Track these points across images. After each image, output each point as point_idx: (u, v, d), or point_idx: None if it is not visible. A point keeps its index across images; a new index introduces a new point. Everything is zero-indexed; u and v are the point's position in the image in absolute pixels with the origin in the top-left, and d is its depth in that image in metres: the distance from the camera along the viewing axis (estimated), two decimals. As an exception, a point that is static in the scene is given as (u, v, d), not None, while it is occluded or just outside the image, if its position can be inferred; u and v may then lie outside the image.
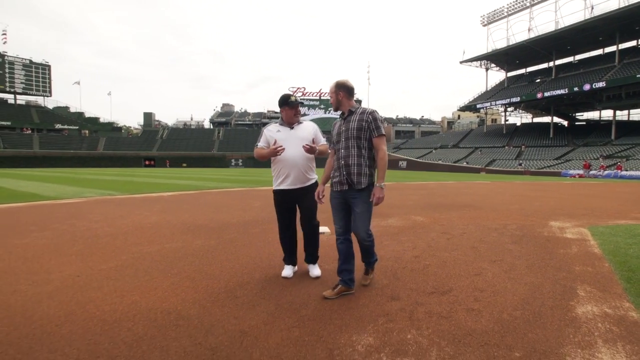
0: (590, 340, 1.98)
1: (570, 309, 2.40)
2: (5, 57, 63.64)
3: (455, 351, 1.86)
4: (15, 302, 2.48)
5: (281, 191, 3.01)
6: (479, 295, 2.63)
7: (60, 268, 3.28)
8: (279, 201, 3.06)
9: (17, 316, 2.26)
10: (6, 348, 1.87)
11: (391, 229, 5.24)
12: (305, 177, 3.00)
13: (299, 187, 2.98)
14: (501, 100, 52.41)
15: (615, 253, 3.81)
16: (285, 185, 2.98)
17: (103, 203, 8.46)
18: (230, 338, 1.99)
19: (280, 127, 3.04)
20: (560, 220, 6.14)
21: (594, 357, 1.79)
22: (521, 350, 1.86)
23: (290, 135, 2.98)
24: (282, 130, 3.01)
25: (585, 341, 1.96)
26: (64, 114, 69.69)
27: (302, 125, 3.06)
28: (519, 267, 3.37)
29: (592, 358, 1.79)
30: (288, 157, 2.92)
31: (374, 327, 2.14)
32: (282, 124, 3.05)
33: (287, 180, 2.97)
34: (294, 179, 2.96)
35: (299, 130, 3.02)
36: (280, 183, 3.00)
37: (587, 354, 1.83)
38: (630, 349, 1.87)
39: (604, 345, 1.92)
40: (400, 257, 3.70)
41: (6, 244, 4.23)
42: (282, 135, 2.98)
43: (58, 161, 52.08)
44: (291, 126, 3.03)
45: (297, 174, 2.95)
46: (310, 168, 3.06)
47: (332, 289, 2.62)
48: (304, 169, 2.98)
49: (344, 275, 2.63)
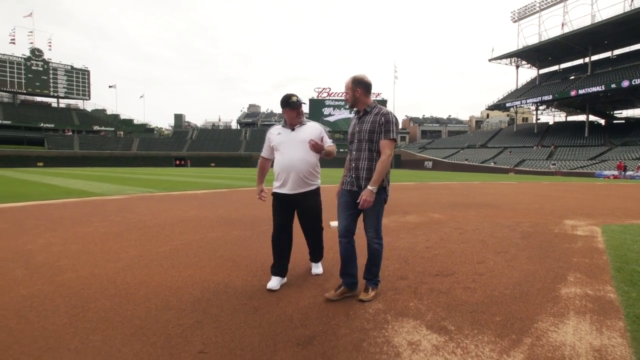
0: (564, 311, 2.37)
1: (555, 290, 2.78)
2: (50, 63, 68.19)
3: (447, 315, 2.31)
4: (99, 273, 3.14)
5: (278, 195, 2.87)
6: (477, 278, 3.05)
7: (125, 250, 3.96)
8: (276, 204, 2.90)
9: (104, 282, 2.91)
10: (104, 302, 2.50)
11: (408, 225, 5.66)
12: (305, 182, 2.83)
13: (297, 192, 2.82)
14: (532, 98, 50.77)
15: (617, 248, 4.07)
16: (283, 190, 2.83)
17: (145, 199, 9.34)
18: (269, 301, 2.54)
19: (282, 129, 2.88)
20: (576, 219, 6.33)
21: (561, 323, 2.20)
22: (501, 316, 2.29)
23: (290, 137, 2.83)
24: (283, 133, 2.86)
25: (559, 312, 2.36)
26: (101, 116, 73.80)
27: (304, 127, 2.87)
28: (520, 257, 3.73)
29: (559, 323, 2.20)
30: (286, 161, 2.78)
31: (383, 297, 2.62)
32: (284, 125, 2.90)
33: (285, 185, 2.82)
34: (292, 183, 2.79)
35: (300, 133, 2.83)
36: (278, 187, 2.86)
37: (557, 320, 2.24)
38: (596, 319, 2.26)
39: (575, 315, 2.31)
40: (413, 248, 4.14)
41: (75, 231, 5.00)
42: (281, 138, 2.85)
43: (96, 161, 55.34)
44: (293, 128, 2.85)
45: (295, 179, 2.78)
46: (312, 173, 2.87)
47: (335, 290, 2.61)
48: (303, 174, 2.80)
49: (345, 279, 2.61)
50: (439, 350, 1.89)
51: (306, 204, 2.87)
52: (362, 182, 2.54)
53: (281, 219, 2.88)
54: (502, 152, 50.59)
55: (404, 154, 62.92)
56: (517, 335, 2.05)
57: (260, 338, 2.01)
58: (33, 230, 5.02)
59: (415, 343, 1.96)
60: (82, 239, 4.53)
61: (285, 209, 2.88)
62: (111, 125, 70.85)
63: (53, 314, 2.30)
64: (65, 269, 3.26)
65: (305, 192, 2.84)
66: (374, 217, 2.56)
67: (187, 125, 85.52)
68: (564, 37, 46.51)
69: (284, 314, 2.34)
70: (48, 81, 67.85)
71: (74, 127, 66.45)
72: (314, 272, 3.14)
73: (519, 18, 55.54)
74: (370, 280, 2.65)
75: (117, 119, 74.70)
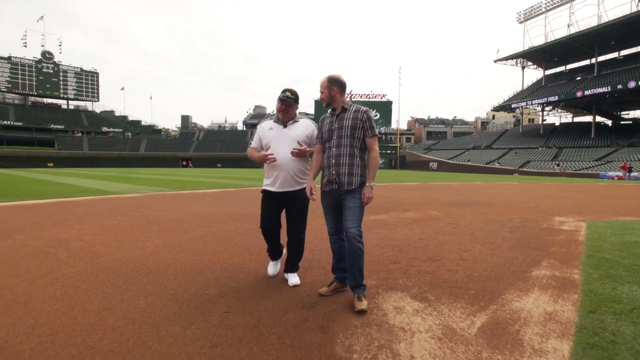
0: (530, 287, 2.79)
1: (528, 272, 3.19)
2: (60, 66, 69.57)
3: (429, 289, 2.74)
4: (131, 257, 3.61)
5: (268, 192, 2.84)
6: (461, 263, 3.47)
7: (150, 240, 4.44)
8: (265, 201, 2.89)
9: (137, 264, 3.38)
10: (140, 278, 2.97)
11: (406, 220, 6.07)
12: (296, 180, 2.79)
13: (287, 190, 2.78)
14: (538, 99, 50.76)
15: (595, 240, 4.46)
16: (273, 187, 2.80)
17: (159, 197, 9.85)
18: (282, 279, 2.99)
19: (274, 124, 2.84)
20: (566, 216, 6.69)
21: (525, 295, 2.62)
22: (475, 290, 2.71)
23: (282, 134, 2.79)
24: (275, 128, 2.82)
25: (526, 288, 2.78)
26: (110, 118, 75.06)
27: (297, 124, 2.82)
28: (504, 247, 4.14)
29: (523, 295, 2.61)
30: (278, 159, 2.74)
31: (377, 277, 3.06)
32: (276, 120, 2.85)
33: (275, 182, 2.78)
34: (282, 181, 2.76)
35: (292, 129, 2.79)
36: (269, 184, 2.83)
37: (522, 294, 2.65)
38: (555, 293, 2.67)
39: (538, 290, 2.73)
40: (408, 239, 4.56)
41: (101, 224, 5.50)
42: (273, 133, 2.80)
43: (104, 161, 56.37)
44: (285, 124, 2.81)
45: (285, 177, 2.75)
46: (302, 171, 2.83)
47: (328, 286, 2.66)
48: (293, 172, 2.77)
49: (338, 274, 2.65)
50: (419, 312, 2.32)
51: (294, 203, 2.82)
52: (343, 177, 2.49)
53: (269, 216, 2.86)
54: (507, 153, 50.63)
55: (409, 154, 63.16)
56: (485, 303, 2.48)
57: (273, 303, 2.46)
58: (63, 223, 5.53)
59: (400, 308, 2.40)
60: (110, 230, 5.01)
61: (274, 207, 2.84)
62: (119, 127, 72.04)
63: (101, 286, 2.77)
64: (101, 253, 3.74)
65: (295, 191, 2.79)
66: (356, 214, 2.48)
67: (193, 126, 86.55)
68: (570, 38, 46.51)
69: (292, 288, 2.78)
70: (58, 83, 69.22)
71: (83, 128, 67.71)
72: (291, 282, 2.85)
73: (525, 19, 55.59)
74: (358, 287, 2.47)
75: (125, 120, 75.91)
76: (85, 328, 2.06)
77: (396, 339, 1.98)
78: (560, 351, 1.84)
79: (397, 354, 1.82)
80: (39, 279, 2.91)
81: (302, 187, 2.81)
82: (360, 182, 2.52)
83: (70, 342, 1.90)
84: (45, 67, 68.06)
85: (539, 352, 1.83)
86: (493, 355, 1.81)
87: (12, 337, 1.95)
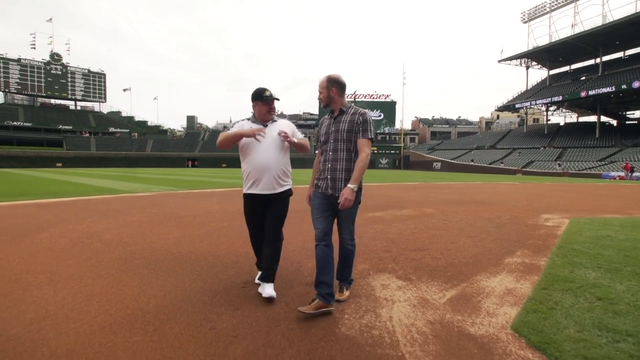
0: (500, 271, 3.27)
1: (501, 259, 3.68)
2: (68, 67, 70.81)
3: (414, 271, 3.24)
4: (156, 247, 4.15)
5: (250, 195, 2.72)
6: (445, 252, 3.96)
7: (170, 232, 4.97)
8: (248, 207, 2.78)
9: (162, 252, 3.91)
10: (167, 263, 3.49)
11: (402, 217, 6.56)
12: (278, 182, 2.70)
13: (270, 193, 2.68)
14: (542, 99, 50.85)
15: (571, 234, 4.91)
16: (255, 190, 2.67)
17: (170, 196, 10.41)
18: (286, 264, 3.50)
19: (253, 124, 2.71)
20: (554, 213, 7.14)
21: (493, 277, 3.10)
22: (452, 273, 3.21)
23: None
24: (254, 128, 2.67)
25: (495, 271, 3.26)
26: (117, 118, 76.20)
27: (276, 124, 2.74)
28: (486, 240, 4.62)
29: (491, 277, 3.10)
30: (258, 159, 2.63)
31: (369, 262, 3.56)
32: (254, 121, 2.74)
33: (256, 185, 2.67)
34: (264, 183, 2.65)
35: (272, 129, 2.69)
36: (250, 187, 2.70)
37: (491, 275, 3.14)
38: (519, 275, 3.15)
39: (505, 273, 3.21)
40: (401, 232, 5.05)
41: (124, 219, 6.04)
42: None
43: (112, 161, 57.33)
44: (264, 124, 2.71)
45: (268, 178, 2.64)
46: (284, 172, 2.74)
47: (310, 303, 2.35)
48: (276, 173, 2.67)
49: (321, 289, 2.35)
50: (401, 288, 2.82)
51: (276, 206, 2.72)
52: (339, 183, 2.44)
53: (256, 225, 2.80)
54: (511, 153, 50.79)
55: (413, 154, 63.47)
56: (458, 282, 2.97)
57: (281, 281, 2.97)
58: (88, 218, 6.08)
59: (386, 285, 2.90)
60: (132, 225, 5.56)
61: (258, 211, 2.75)
62: (126, 127, 73.12)
63: (137, 268, 3.29)
64: (129, 243, 4.27)
65: (277, 194, 2.70)
66: (350, 219, 2.50)
67: (199, 126, 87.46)
68: (574, 38, 46.61)
69: (296, 270, 3.29)
70: (66, 84, 70.49)
71: (91, 128, 68.82)
72: (266, 294, 2.58)
73: (529, 19, 55.69)
74: (344, 280, 2.65)
75: (132, 121, 77.00)
76: (132, 297, 2.59)
77: (380, 305, 2.48)
78: (509, 314, 2.32)
79: (379, 315, 2.32)
80: (83, 263, 3.45)
81: (284, 190, 2.74)
82: (357, 188, 2.42)
83: (124, 306, 2.42)
84: (53, 68, 69.33)
85: (491, 315, 2.32)
86: (454, 316, 2.30)
87: (77, 302, 2.48)
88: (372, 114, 57.62)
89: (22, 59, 66.21)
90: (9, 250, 3.91)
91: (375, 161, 63.88)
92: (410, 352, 1.87)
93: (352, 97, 66.10)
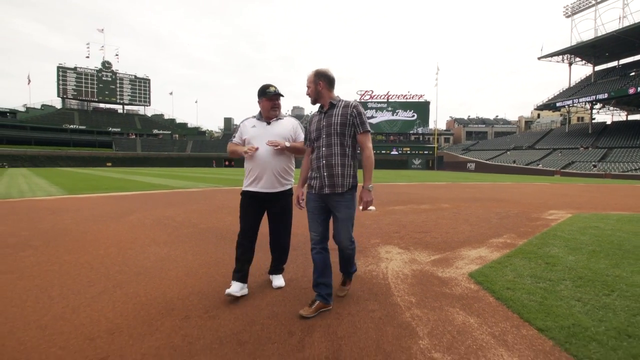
0: (480, 246, 4.19)
1: (487, 239, 4.58)
2: (117, 74, 76.63)
3: (413, 245, 4.25)
4: (218, 226, 5.41)
5: (249, 193, 2.70)
6: (444, 234, 4.90)
7: (224, 218, 6.25)
8: (246, 203, 2.74)
9: (224, 229, 5.16)
10: (231, 235, 4.71)
11: (418, 210, 7.48)
12: (279, 180, 2.70)
13: (271, 191, 2.68)
14: (585, 97, 48.59)
15: (563, 224, 5.64)
16: (255, 188, 2.67)
17: (217, 191, 11.90)
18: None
19: (257, 121, 2.74)
20: (563, 210, 7.73)
21: (473, 249, 4.04)
22: (442, 247, 4.18)
23: (266, 131, 2.69)
24: (258, 126, 2.72)
25: (477, 246, 4.19)
26: (160, 121, 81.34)
27: (281, 122, 2.75)
28: (483, 227, 5.48)
29: (472, 249, 4.04)
30: (260, 157, 2.63)
31: (380, 238, 4.60)
32: (259, 118, 2.75)
33: (257, 182, 2.66)
34: (265, 181, 2.65)
35: (276, 127, 2.70)
36: (250, 184, 2.69)
37: (472, 248, 4.07)
38: (495, 250, 4.06)
39: (485, 248, 4.13)
40: (413, 221, 6.02)
41: (186, 208, 7.44)
42: (256, 131, 2.70)
43: (155, 161, 61.46)
44: (268, 121, 2.72)
45: (269, 177, 2.65)
46: (286, 171, 2.75)
47: (309, 306, 2.35)
48: (278, 172, 2.68)
49: (320, 290, 2.38)
50: (400, 254, 3.85)
51: (279, 205, 2.74)
52: (337, 179, 2.36)
53: (250, 220, 2.73)
54: (550, 154, 48.97)
55: (446, 155, 62.65)
56: (443, 251, 3.95)
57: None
58: (158, 207, 7.55)
59: (389, 251, 3.94)
60: (194, 211, 6.92)
61: (255, 210, 2.73)
62: (168, 129, 77.91)
63: (209, 238, 4.55)
64: (197, 223, 5.59)
65: (278, 192, 2.70)
66: (349, 221, 2.42)
67: (235, 128, 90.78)
68: (623, 31, 44.23)
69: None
70: (115, 90, 76.44)
71: (137, 130, 74.02)
72: (275, 284, 2.84)
73: (573, 13, 53.39)
74: (347, 273, 2.71)
75: (173, 123, 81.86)
76: (209, 253, 3.81)
77: (381, 261, 3.55)
78: (471, 268, 3.30)
79: (379, 265, 3.39)
80: (169, 234, 4.76)
81: (285, 188, 2.74)
82: (353, 183, 2.40)
83: (207, 257, 3.64)
84: (104, 75, 75.40)
85: (458, 268, 3.31)
86: (431, 268, 3.31)
87: (178, 255, 3.75)
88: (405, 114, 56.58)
89: (78, 68, 72.52)
90: (114, 226, 5.34)
91: (407, 162, 63.72)
92: (393, 282, 2.93)
93: (386, 98, 66.39)
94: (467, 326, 2.15)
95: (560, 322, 2.17)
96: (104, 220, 5.88)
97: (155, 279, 3.00)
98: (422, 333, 2.07)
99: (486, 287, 2.80)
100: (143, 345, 1.91)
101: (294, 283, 2.96)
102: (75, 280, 2.96)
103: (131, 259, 3.60)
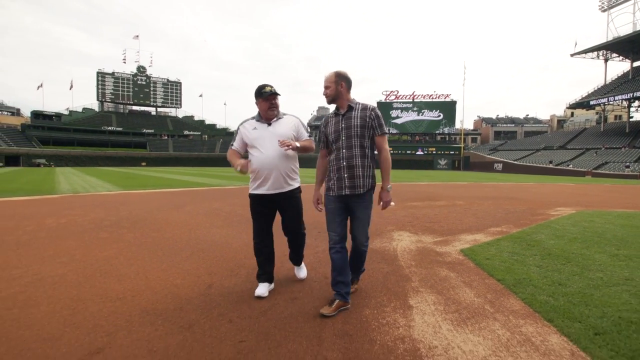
0: (478, 232, 5.04)
1: (486, 228, 5.41)
2: (151, 78, 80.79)
3: (421, 231, 5.17)
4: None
5: (257, 196, 2.73)
6: (450, 224, 5.77)
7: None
8: (255, 206, 2.77)
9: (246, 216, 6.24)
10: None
11: (434, 205, 8.31)
12: (286, 181, 2.72)
13: (278, 192, 2.70)
14: (622, 95, 46.74)
15: (562, 218, 6.33)
16: (262, 190, 2.69)
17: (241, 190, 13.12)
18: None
19: (257, 123, 2.72)
20: (571, 207, 8.32)
21: (471, 234, 4.90)
22: (447, 233, 5.06)
23: (267, 132, 2.68)
24: (259, 128, 2.70)
25: (475, 232, 5.04)
26: (190, 122, 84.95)
27: (281, 121, 2.74)
28: (487, 219, 6.28)
29: (470, 235, 4.90)
30: (264, 158, 2.63)
31: (394, 226, 5.54)
32: (259, 119, 2.73)
33: (264, 185, 2.68)
34: (272, 183, 2.67)
35: (278, 127, 2.70)
36: (257, 187, 2.71)
37: (470, 234, 4.94)
38: (490, 235, 4.90)
39: (481, 234, 4.98)
40: (426, 214, 6.89)
41: (229, 201, 8.64)
42: (257, 133, 2.69)
43: (186, 161, 64.36)
44: (269, 122, 2.71)
45: (275, 178, 2.66)
46: (292, 170, 2.77)
47: (329, 305, 2.43)
48: (284, 172, 2.69)
49: (339, 288, 2.46)
50: (409, 237, 4.78)
51: (288, 204, 2.78)
52: (358, 180, 2.44)
53: (263, 222, 2.79)
54: (583, 154, 47.48)
55: (473, 155, 61.87)
56: (445, 236, 4.85)
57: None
58: (205, 201, 8.79)
59: (400, 234, 4.89)
60: (237, 204, 8.10)
61: (266, 212, 2.77)
62: (198, 130, 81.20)
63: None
64: (243, 214, 6.72)
65: (286, 192, 2.73)
66: (366, 221, 2.52)
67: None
68: (662, 26, 42.33)
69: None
70: (149, 93, 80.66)
71: (169, 132, 77.67)
72: (298, 276, 3.06)
73: (609, 7, 51.47)
74: (356, 273, 2.77)
75: (203, 124, 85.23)
76: (260, 233, 4.89)
77: (392, 241, 4.51)
78: (464, 246, 4.18)
79: (391, 243, 4.36)
80: (222, 220, 5.91)
81: (293, 188, 2.78)
82: (371, 184, 2.49)
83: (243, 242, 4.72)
84: (139, 79, 79.74)
85: (454, 247, 4.21)
86: (432, 246, 4.23)
87: (235, 234, 4.85)
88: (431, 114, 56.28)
89: (116, 73, 77.09)
90: (177, 215, 6.58)
91: (433, 162, 63.38)
92: (400, 253, 3.89)
93: (411, 97, 66.28)
94: (447, 277, 3.10)
95: (515, 276, 3.07)
96: (167, 209, 7.14)
97: (225, 248, 4.12)
98: (415, 279, 3.04)
99: (471, 257, 3.71)
100: (231, 282, 2.99)
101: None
102: (169, 248, 4.12)
103: (202, 235, 4.76)
